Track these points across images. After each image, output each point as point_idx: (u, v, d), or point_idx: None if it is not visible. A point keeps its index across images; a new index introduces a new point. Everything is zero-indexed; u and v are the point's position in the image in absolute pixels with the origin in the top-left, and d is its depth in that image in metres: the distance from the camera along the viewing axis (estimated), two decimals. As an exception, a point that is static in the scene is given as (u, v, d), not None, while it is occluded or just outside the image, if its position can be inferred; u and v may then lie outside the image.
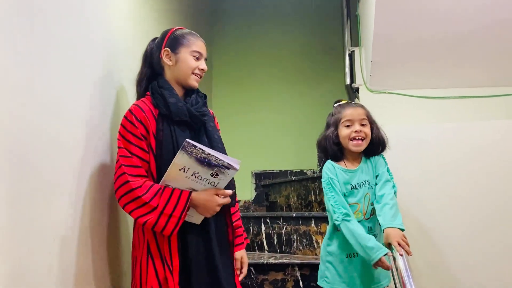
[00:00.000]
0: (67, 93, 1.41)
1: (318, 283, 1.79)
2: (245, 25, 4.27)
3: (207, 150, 1.41)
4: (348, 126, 1.74)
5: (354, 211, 1.71)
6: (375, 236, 1.70)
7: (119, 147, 1.52)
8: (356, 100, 2.84)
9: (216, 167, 1.43)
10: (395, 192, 1.71)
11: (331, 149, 1.78)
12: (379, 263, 1.55)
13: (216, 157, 1.41)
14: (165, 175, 1.47)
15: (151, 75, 1.67)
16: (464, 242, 2.39)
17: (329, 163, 1.80)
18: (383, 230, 1.59)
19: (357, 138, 1.73)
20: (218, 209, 1.49)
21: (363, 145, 1.74)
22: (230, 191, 1.52)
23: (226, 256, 1.61)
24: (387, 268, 1.55)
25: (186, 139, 1.41)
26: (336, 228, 1.72)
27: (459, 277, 2.37)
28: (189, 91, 1.67)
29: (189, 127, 1.59)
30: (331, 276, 1.73)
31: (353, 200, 1.73)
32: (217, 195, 1.49)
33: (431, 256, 2.41)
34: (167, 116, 1.55)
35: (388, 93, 2.76)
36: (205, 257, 1.51)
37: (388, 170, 1.77)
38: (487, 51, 2.54)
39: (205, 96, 1.71)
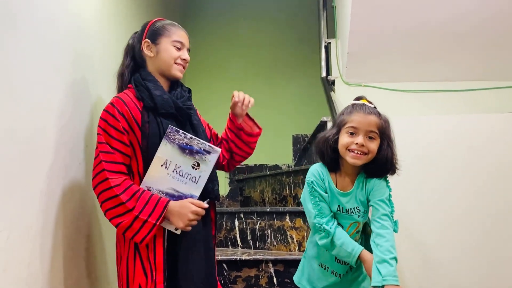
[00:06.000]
0: (25, 80, 1.31)
1: (294, 276, 1.69)
2: (219, 17, 4.19)
3: (189, 135, 1.47)
4: (351, 134, 1.44)
5: None
6: (357, 275, 1.56)
7: (99, 142, 1.46)
8: (332, 93, 2.80)
9: (198, 154, 1.46)
10: (395, 229, 1.46)
11: (328, 156, 1.49)
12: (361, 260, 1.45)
13: (198, 140, 1.47)
14: (146, 175, 1.46)
15: (134, 67, 1.63)
16: (442, 234, 2.38)
17: (321, 168, 1.54)
18: (383, 286, 1.34)
19: (356, 151, 1.44)
20: (191, 217, 1.43)
21: (363, 160, 1.44)
22: (206, 205, 1.47)
23: (210, 250, 1.60)
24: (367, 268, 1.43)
25: (170, 125, 1.45)
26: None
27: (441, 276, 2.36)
28: (173, 83, 1.64)
29: (175, 120, 1.56)
30: (301, 273, 1.65)
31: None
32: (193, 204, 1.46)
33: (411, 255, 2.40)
34: (152, 109, 1.51)
35: (364, 86, 2.73)
36: (192, 253, 1.49)
37: (389, 199, 1.48)
38: (463, 44, 2.53)
39: (189, 90, 1.69)
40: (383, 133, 1.47)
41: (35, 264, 1.35)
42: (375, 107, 1.51)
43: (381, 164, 1.46)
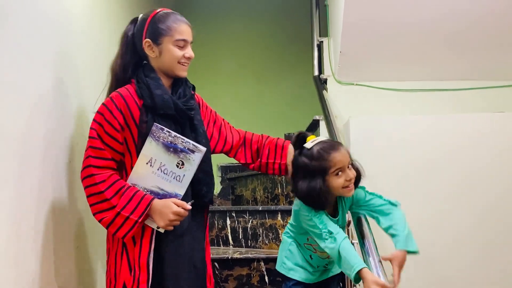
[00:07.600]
0: (16, 77, 1.29)
1: (277, 267, 1.67)
2: (212, 16, 4.17)
3: (174, 133, 1.44)
4: (338, 174, 1.48)
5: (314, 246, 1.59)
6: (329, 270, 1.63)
7: (91, 137, 1.44)
8: (324, 91, 2.80)
9: (182, 153, 1.44)
10: (396, 203, 1.55)
11: (326, 201, 1.51)
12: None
13: (182, 139, 1.44)
14: (131, 172, 1.45)
15: (138, 60, 1.55)
16: (428, 232, 2.38)
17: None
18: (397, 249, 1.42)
19: (349, 185, 1.50)
20: (172, 217, 1.39)
21: (353, 188, 1.53)
22: (189, 206, 1.43)
23: (200, 250, 1.59)
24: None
25: (154, 123, 1.42)
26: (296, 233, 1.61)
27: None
28: (177, 80, 1.57)
29: (174, 121, 1.51)
30: (288, 261, 1.63)
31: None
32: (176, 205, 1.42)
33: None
34: (151, 108, 1.47)
35: (357, 84, 2.74)
36: (179, 255, 1.49)
37: (368, 192, 1.59)
38: (455, 44, 2.54)
39: (193, 87, 1.64)
40: (351, 156, 1.54)
41: (25, 262, 1.33)
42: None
43: (357, 180, 1.54)
